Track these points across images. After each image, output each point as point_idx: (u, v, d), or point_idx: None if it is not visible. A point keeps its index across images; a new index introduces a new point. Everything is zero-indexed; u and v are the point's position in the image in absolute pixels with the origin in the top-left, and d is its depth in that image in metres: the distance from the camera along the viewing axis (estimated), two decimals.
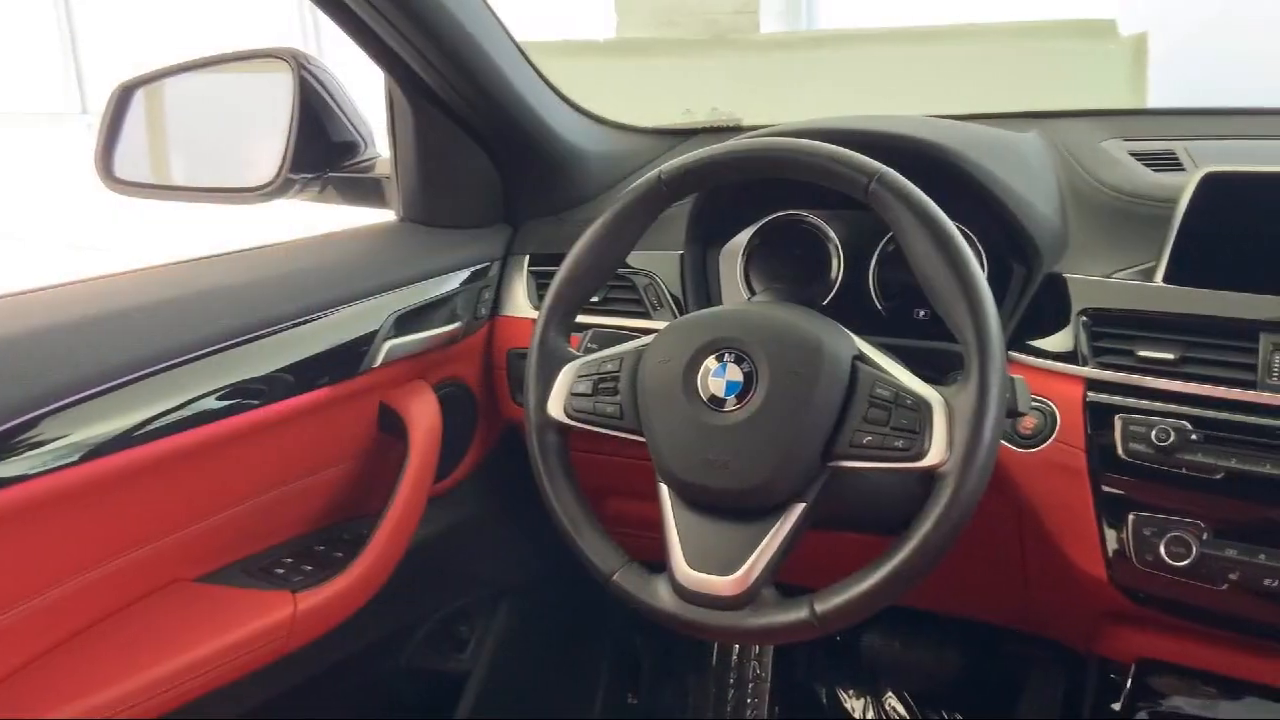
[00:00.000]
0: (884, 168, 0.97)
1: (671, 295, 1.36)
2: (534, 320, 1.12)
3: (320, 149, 1.47)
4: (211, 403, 1.12)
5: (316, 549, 1.33)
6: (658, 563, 1.02)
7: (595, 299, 1.37)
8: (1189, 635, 1.18)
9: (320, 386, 1.23)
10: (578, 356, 1.09)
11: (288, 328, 1.20)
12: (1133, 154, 1.35)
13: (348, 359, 1.27)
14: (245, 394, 1.15)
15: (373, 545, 1.28)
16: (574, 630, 1.93)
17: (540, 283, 1.46)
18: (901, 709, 1.86)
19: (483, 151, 1.49)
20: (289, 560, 1.30)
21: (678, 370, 1.00)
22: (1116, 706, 1.21)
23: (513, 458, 1.37)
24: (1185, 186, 1.14)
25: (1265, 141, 1.38)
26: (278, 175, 1.42)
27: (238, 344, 1.15)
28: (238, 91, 1.59)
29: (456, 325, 1.42)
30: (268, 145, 1.43)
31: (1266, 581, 1.03)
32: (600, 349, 1.09)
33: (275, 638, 1.19)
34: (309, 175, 1.49)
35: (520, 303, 1.48)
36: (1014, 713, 1.71)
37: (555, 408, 1.08)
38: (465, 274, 1.45)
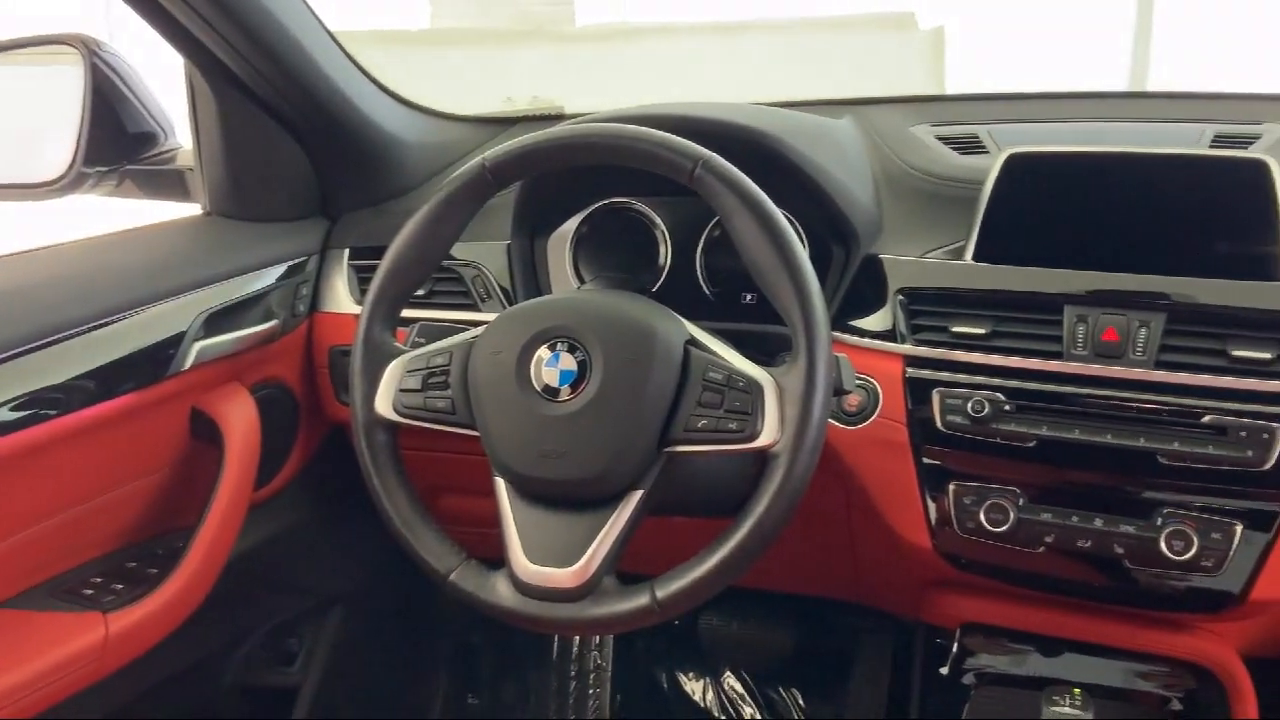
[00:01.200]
0: (709, 153, 0.98)
1: (500, 286, 1.34)
2: (357, 316, 1.08)
3: (115, 140, 1.38)
4: (4, 414, 1.03)
5: (128, 566, 1.25)
6: (497, 560, 1.00)
7: (421, 292, 1.34)
8: (1010, 598, 1.24)
9: (125, 393, 1.15)
10: (405, 351, 1.06)
11: (85, 331, 1.12)
12: (940, 138, 1.41)
13: (154, 362, 1.19)
14: (41, 404, 1.07)
15: (189, 559, 1.21)
16: (410, 634, 1.89)
17: (362, 277, 1.41)
18: (740, 688, 1.89)
19: (294, 141, 1.42)
20: (98, 579, 1.21)
21: (510, 361, 0.98)
22: (944, 670, 1.26)
23: (340, 460, 1.32)
24: (990, 168, 1.19)
25: (1062, 124, 1.46)
26: (70, 169, 1.32)
27: (29, 351, 1.06)
28: (23, 80, 1.48)
29: (273, 323, 1.36)
30: (58, 137, 1.33)
31: (1079, 543, 1.09)
32: (429, 343, 1.06)
33: (87, 663, 1.11)
34: (104, 168, 1.39)
35: (341, 298, 1.43)
36: (848, 683, 1.77)
37: (383, 405, 1.04)
38: (280, 269, 1.38)
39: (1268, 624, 1.21)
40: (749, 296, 1.26)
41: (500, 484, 1.00)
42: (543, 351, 0.97)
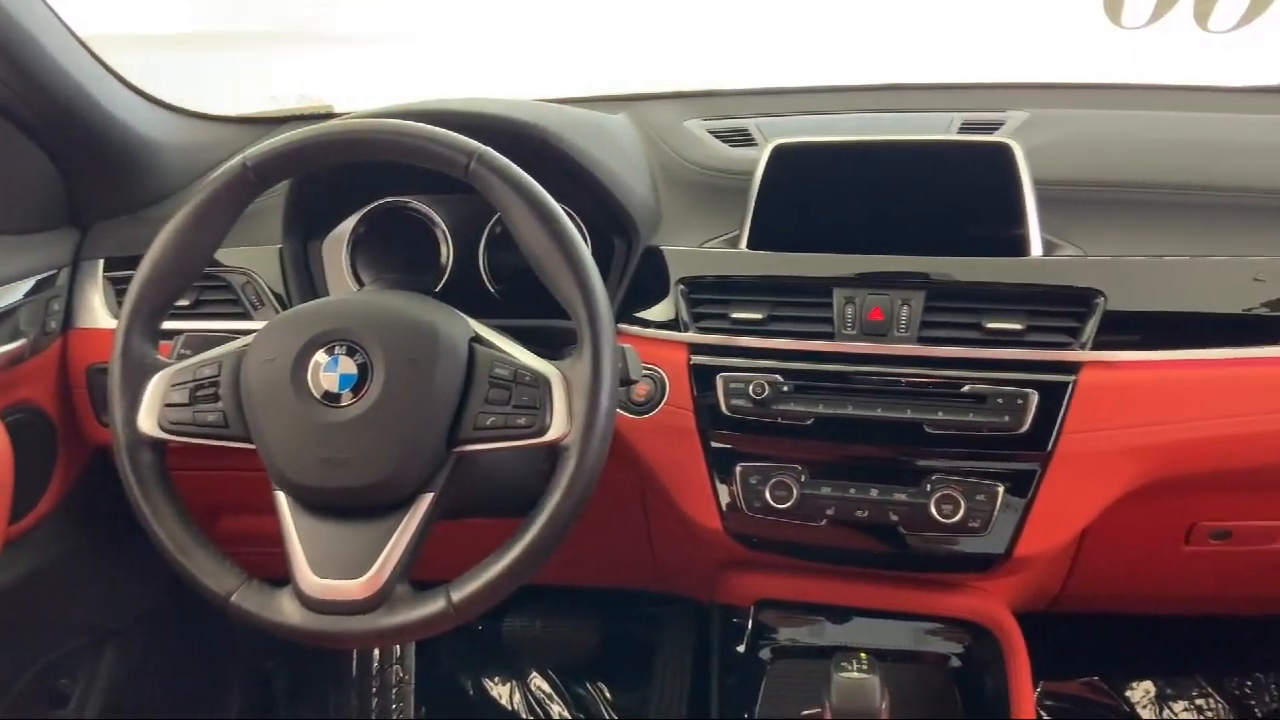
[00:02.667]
0: (483, 147, 0.97)
1: (273, 293, 1.28)
2: (114, 330, 1.01)
3: None
4: None
5: None
6: (285, 579, 0.95)
7: (185, 302, 1.27)
8: (800, 572, 1.29)
9: None
10: (169, 364, 1.00)
11: None
12: (711, 132, 1.44)
13: None
14: None
15: None
16: (197, 664, 1.78)
17: (119, 289, 1.32)
18: (547, 687, 1.89)
19: (36, 146, 1.32)
20: None
21: (285, 368, 0.94)
22: (741, 649, 1.29)
23: (105, 485, 1.23)
24: (759, 159, 1.23)
25: (825, 115, 1.52)
26: None
27: None
28: None
29: (21, 343, 1.25)
30: None
31: (858, 513, 1.14)
32: (195, 355, 1.00)
33: None
34: None
35: (98, 313, 1.33)
36: (653, 671, 1.79)
37: (147, 422, 0.97)
38: (27, 285, 1.28)
39: (1032, 578, 1.31)
40: (534, 291, 1.25)
41: (280, 497, 0.96)
42: (320, 356, 0.94)
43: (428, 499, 0.94)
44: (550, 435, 0.91)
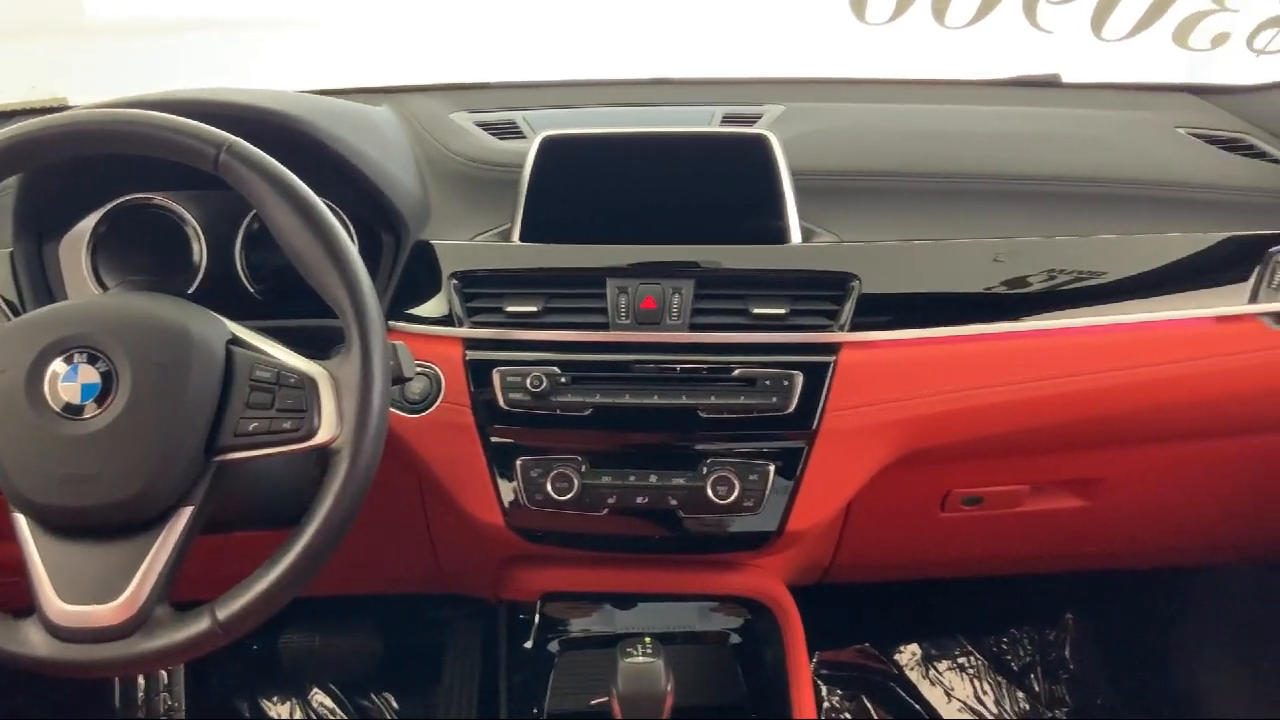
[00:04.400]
0: (233, 138, 0.92)
1: (4, 300, 1.18)
2: None
3: None
4: None
5: None
6: (30, 609, 0.88)
7: None
8: (584, 563, 1.29)
9: None
10: None
11: None
12: (479, 124, 1.43)
13: None
14: None
15: None
16: None
17: None
18: (330, 702, 1.82)
19: None
20: None
21: (18, 380, 0.86)
22: (528, 644, 1.29)
23: None
24: (528, 151, 1.22)
25: (593, 108, 1.53)
26: None
27: None
28: None
29: None
30: None
31: (638, 500, 1.15)
32: None
33: None
34: None
35: None
36: (440, 675, 1.76)
37: None
38: None
39: (804, 552, 1.36)
40: (297, 290, 1.20)
41: (19, 520, 0.88)
42: (58, 365, 0.87)
43: (187, 513, 0.88)
44: (319, 438, 0.88)
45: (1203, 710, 1.81)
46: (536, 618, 1.28)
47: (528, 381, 1.13)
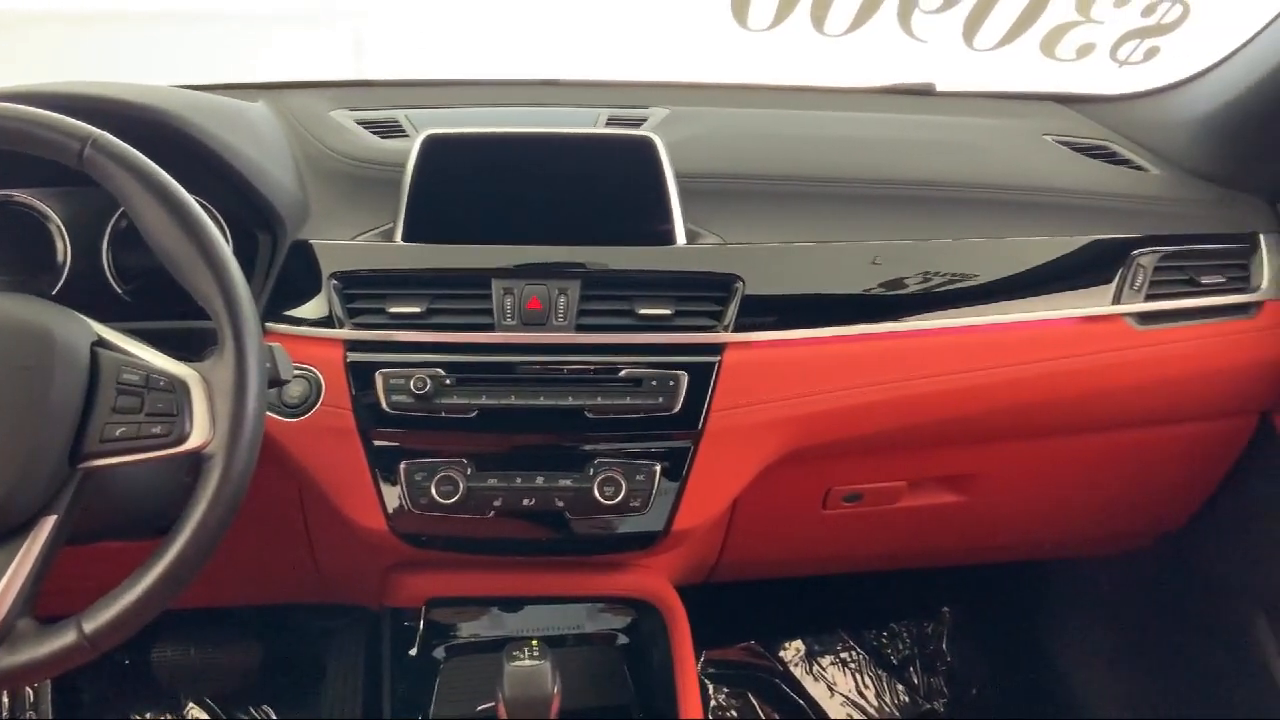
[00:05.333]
0: (99, 131, 0.88)
1: None
2: None
3: None
4: None
5: None
6: None
7: None
8: (471, 567, 1.28)
9: None
10: None
11: None
12: (360, 122, 1.40)
13: None
14: None
15: None
16: None
17: None
18: (206, 716, 1.76)
19: None
20: None
21: None
22: (413, 651, 1.27)
23: None
24: (410, 150, 1.20)
25: (478, 108, 1.52)
26: None
27: None
28: None
29: None
30: None
31: (525, 502, 1.14)
32: None
33: None
34: None
35: None
36: (322, 686, 1.72)
37: None
38: None
39: (691, 552, 1.37)
40: (168, 291, 1.16)
41: None
42: None
43: (50, 522, 0.84)
44: (191, 443, 0.85)
45: (1071, 696, 1.89)
46: (421, 624, 1.26)
47: (411, 383, 1.11)
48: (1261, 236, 1.34)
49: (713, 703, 1.94)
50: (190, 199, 0.89)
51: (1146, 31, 1.75)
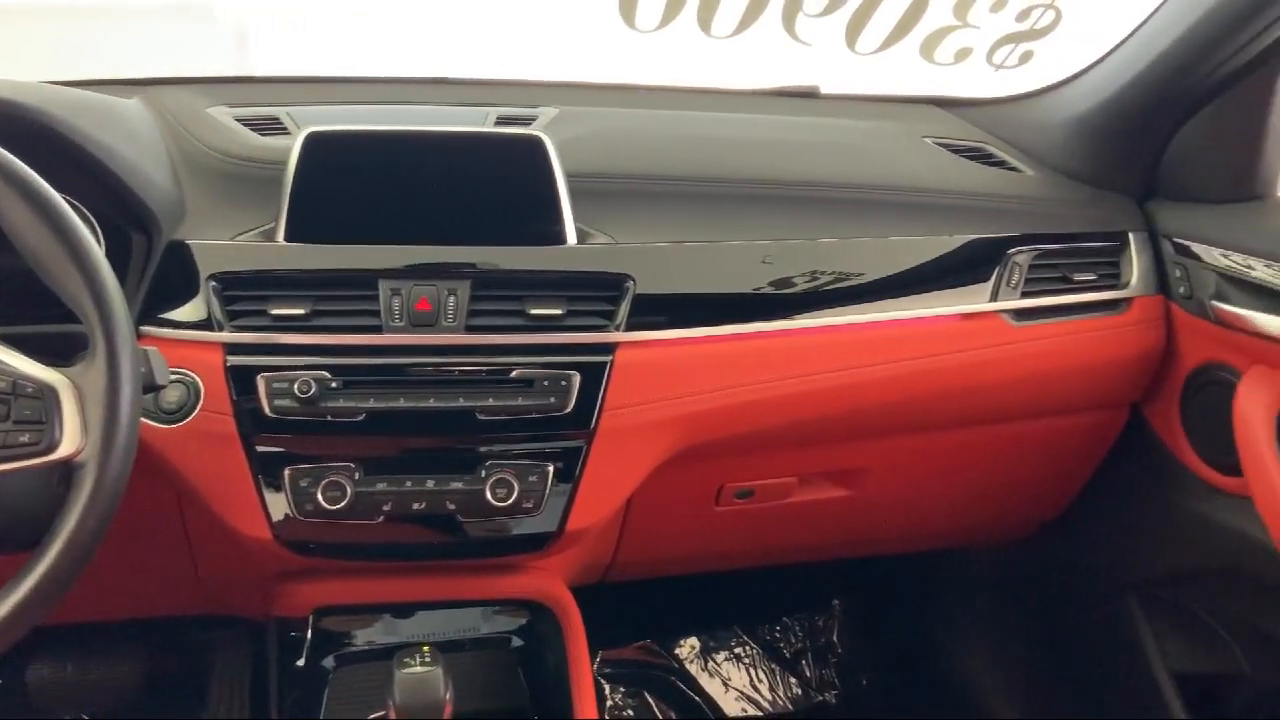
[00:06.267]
0: None
1: None
2: None
3: None
4: None
5: None
6: None
7: None
8: (360, 574, 1.25)
9: None
10: None
11: None
12: (239, 120, 1.36)
13: None
14: None
15: None
16: None
17: None
18: None
19: None
20: None
21: None
22: (301, 662, 1.24)
23: None
24: (292, 148, 1.17)
25: (362, 105, 1.49)
26: None
27: None
28: None
29: None
30: None
31: (415, 505, 1.12)
32: None
33: None
34: None
35: None
36: (205, 702, 1.67)
37: None
38: None
39: (585, 552, 1.37)
40: (41, 293, 1.12)
41: None
42: None
43: None
44: (61, 452, 0.82)
45: (957, 682, 1.94)
46: (309, 634, 1.23)
47: (295, 387, 1.08)
48: (1130, 235, 1.40)
49: (609, 702, 1.95)
50: (58, 198, 0.85)
51: (1020, 36, 1.81)
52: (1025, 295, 1.33)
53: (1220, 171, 1.40)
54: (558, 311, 1.14)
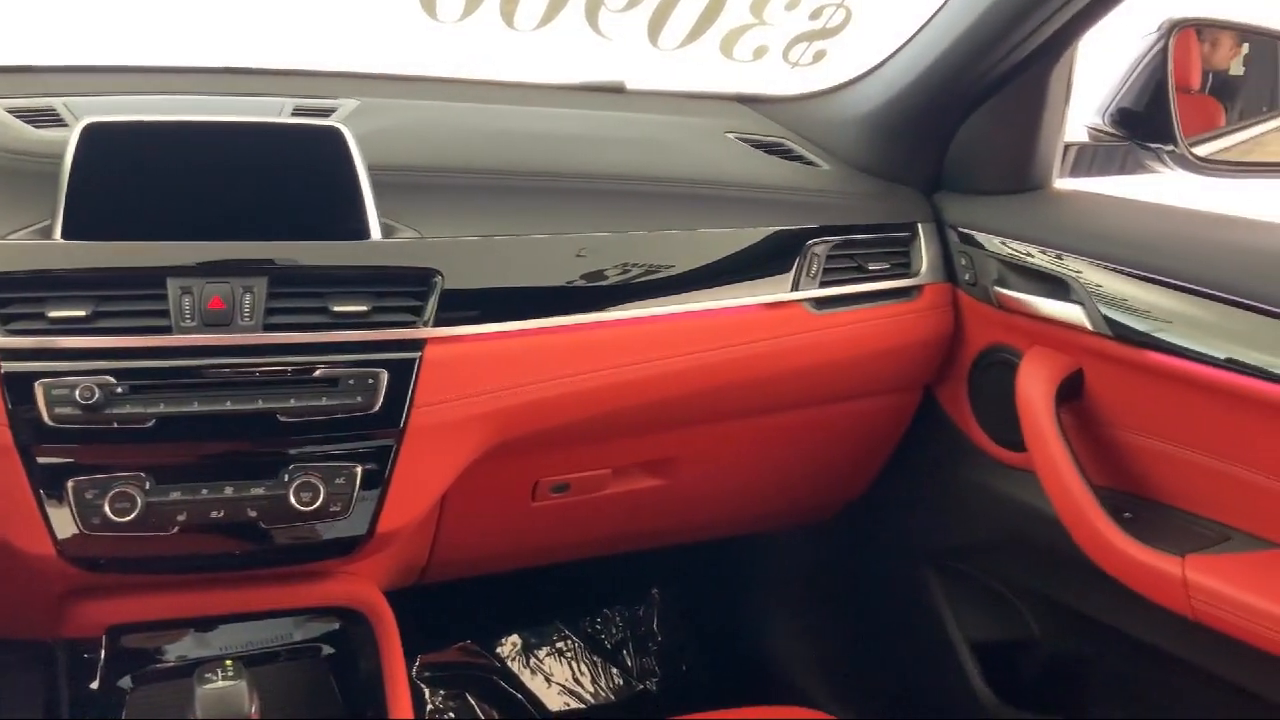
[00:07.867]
0: None
1: None
2: None
3: None
4: None
5: None
6: None
7: None
8: (157, 589, 1.19)
9: None
10: None
11: None
12: (10, 110, 1.27)
13: None
14: None
15: None
16: None
17: None
18: None
19: None
20: None
21: None
22: (94, 685, 1.16)
23: None
24: (68, 140, 1.10)
25: (148, 95, 1.41)
26: None
27: None
28: None
29: None
30: None
31: (213, 514, 1.07)
32: None
33: None
34: None
35: None
36: None
37: None
38: None
39: (398, 554, 1.34)
40: None
41: None
42: None
43: None
44: None
45: (773, 663, 2.00)
46: (102, 654, 1.16)
47: (77, 393, 1.01)
48: (920, 225, 1.47)
49: (429, 706, 1.91)
50: None
51: (813, 35, 1.88)
52: (824, 284, 1.38)
53: (1000, 164, 1.49)
54: (363, 308, 1.11)
